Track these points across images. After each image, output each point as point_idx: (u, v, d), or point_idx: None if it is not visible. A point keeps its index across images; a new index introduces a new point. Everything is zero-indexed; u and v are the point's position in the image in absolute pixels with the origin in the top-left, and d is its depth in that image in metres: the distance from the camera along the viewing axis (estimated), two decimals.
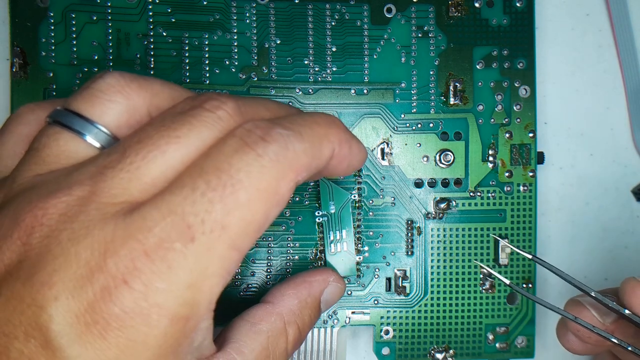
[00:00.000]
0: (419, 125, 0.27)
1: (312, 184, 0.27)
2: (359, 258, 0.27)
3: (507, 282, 0.21)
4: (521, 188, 0.27)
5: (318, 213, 0.27)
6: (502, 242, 0.24)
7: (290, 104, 0.27)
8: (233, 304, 0.26)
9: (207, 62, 0.26)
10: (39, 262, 0.15)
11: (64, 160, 0.17)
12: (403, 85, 0.27)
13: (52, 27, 0.26)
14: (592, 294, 0.19)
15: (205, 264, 0.15)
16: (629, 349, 0.18)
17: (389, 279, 0.27)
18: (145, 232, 0.14)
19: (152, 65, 0.26)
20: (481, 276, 0.27)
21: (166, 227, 0.14)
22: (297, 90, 0.27)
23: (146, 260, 0.14)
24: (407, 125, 0.27)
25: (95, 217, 0.15)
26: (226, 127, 0.16)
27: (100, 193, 0.15)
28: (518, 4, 0.27)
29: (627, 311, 0.19)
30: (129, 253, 0.14)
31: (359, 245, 0.27)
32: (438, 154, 0.27)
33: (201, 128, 0.16)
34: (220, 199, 0.15)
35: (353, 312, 0.27)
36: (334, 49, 0.27)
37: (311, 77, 0.27)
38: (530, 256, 0.21)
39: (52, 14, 0.26)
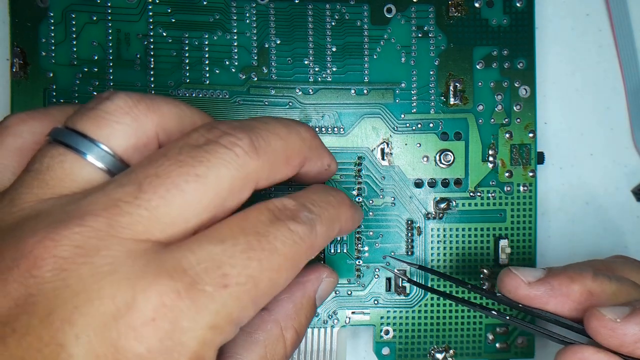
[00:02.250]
0: (419, 125, 0.27)
1: None
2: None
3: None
4: (521, 188, 0.27)
5: None
6: None
7: (290, 104, 0.27)
8: None
9: (207, 62, 0.26)
10: (56, 297, 0.14)
11: (69, 184, 0.16)
12: (403, 85, 0.27)
13: (52, 27, 0.26)
14: (469, 286, 0.23)
15: (230, 310, 0.15)
16: (507, 318, 0.22)
17: (389, 279, 0.27)
18: (179, 272, 0.14)
19: (152, 65, 0.26)
20: (481, 276, 0.27)
21: (201, 271, 0.15)
22: (297, 90, 0.27)
23: (176, 299, 0.14)
24: (407, 125, 0.27)
25: (119, 253, 0.14)
26: (242, 165, 0.16)
27: (120, 228, 0.15)
28: (518, 4, 0.27)
29: (498, 293, 0.22)
30: (159, 291, 0.14)
31: (359, 245, 0.27)
32: (438, 154, 0.27)
33: (219, 167, 0.16)
34: (258, 259, 0.15)
35: (353, 312, 0.27)
36: (334, 49, 0.27)
37: (311, 77, 0.27)
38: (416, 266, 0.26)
39: (52, 14, 0.26)
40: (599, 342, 0.20)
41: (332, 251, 0.27)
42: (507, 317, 0.22)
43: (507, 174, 0.27)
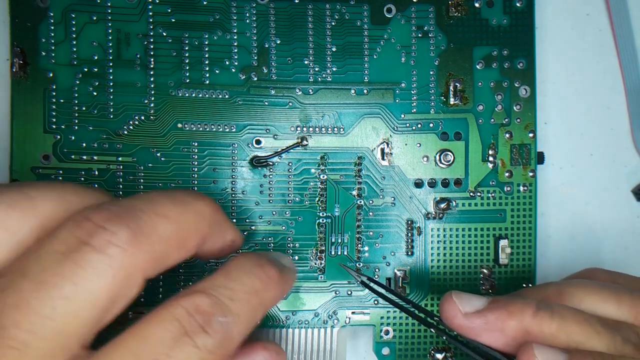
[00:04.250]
0: (419, 125, 0.27)
1: (318, 184, 0.27)
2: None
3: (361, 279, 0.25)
4: (521, 188, 0.27)
5: (322, 214, 0.27)
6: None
7: (290, 104, 0.27)
8: None
9: (207, 62, 0.26)
10: None
11: None
12: (403, 85, 0.27)
13: (52, 27, 0.26)
14: (411, 307, 0.23)
15: None
16: (444, 338, 0.22)
17: (389, 279, 0.27)
18: None
19: (152, 65, 0.26)
20: (481, 276, 0.27)
21: None
22: (297, 90, 0.27)
23: None
24: (407, 125, 0.27)
25: None
26: (121, 266, 0.14)
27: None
28: (518, 4, 0.27)
29: (436, 318, 0.21)
30: None
31: (359, 245, 0.27)
32: (438, 154, 0.27)
33: (91, 279, 0.14)
34: None
35: (353, 312, 0.27)
36: (334, 49, 0.27)
37: (311, 77, 0.27)
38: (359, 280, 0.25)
39: (52, 14, 0.26)
40: None
41: (333, 253, 0.27)
42: None
43: (507, 174, 0.27)
